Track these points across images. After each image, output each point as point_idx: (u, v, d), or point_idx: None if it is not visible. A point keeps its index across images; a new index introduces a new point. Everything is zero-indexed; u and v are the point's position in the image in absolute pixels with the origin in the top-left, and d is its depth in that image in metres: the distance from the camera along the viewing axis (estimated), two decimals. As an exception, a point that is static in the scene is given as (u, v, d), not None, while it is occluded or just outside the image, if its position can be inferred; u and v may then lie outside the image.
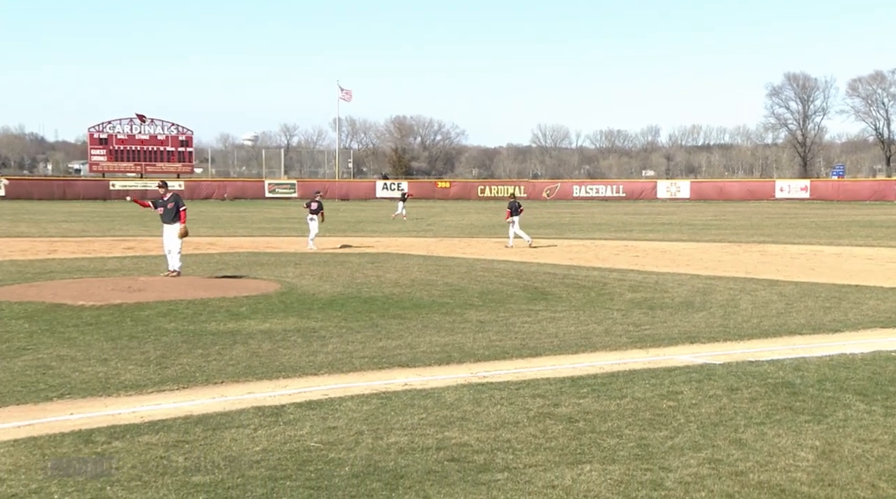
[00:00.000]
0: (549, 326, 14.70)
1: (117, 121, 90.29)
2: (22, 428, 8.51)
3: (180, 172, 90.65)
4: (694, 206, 79.73)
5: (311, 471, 7.24)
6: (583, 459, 7.62)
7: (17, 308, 15.80)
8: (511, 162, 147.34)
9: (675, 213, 63.91)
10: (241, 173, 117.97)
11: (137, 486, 6.86)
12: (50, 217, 52.00)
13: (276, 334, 13.57)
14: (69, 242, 33.45)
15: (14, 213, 56.29)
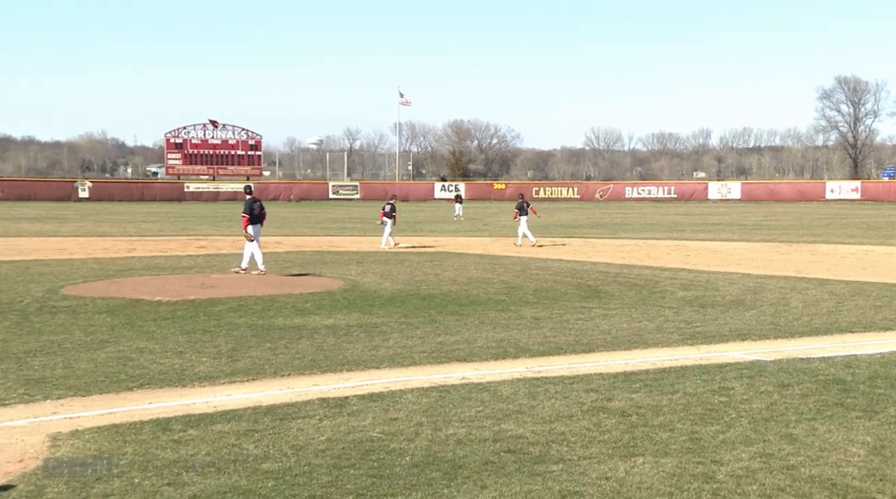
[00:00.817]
0: (601, 323, 14.60)
1: (192, 126, 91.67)
2: (104, 416, 8.68)
3: (250, 175, 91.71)
4: (744, 207, 78.50)
5: (373, 460, 7.28)
6: (636, 451, 7.55)
7: (99, 303, 16.12)
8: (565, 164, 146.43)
9: (725, 213, 62.99)
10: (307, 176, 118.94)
11: (211, 472, 6.96)
12: (129, 217, 52.97)
13: (339, 329, 13.66)
14: (147, 241, 34.03)
15: (97, 213, 57.45)
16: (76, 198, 79.26)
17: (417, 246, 31.64)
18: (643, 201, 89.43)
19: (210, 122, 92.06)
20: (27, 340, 12.56)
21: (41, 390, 9.67)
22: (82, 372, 10.53)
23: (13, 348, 11.93)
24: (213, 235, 38.01)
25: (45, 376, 10.29)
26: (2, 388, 9.74)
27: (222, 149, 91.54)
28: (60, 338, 12.71)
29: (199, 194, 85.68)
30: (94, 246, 30.88)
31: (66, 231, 39.53)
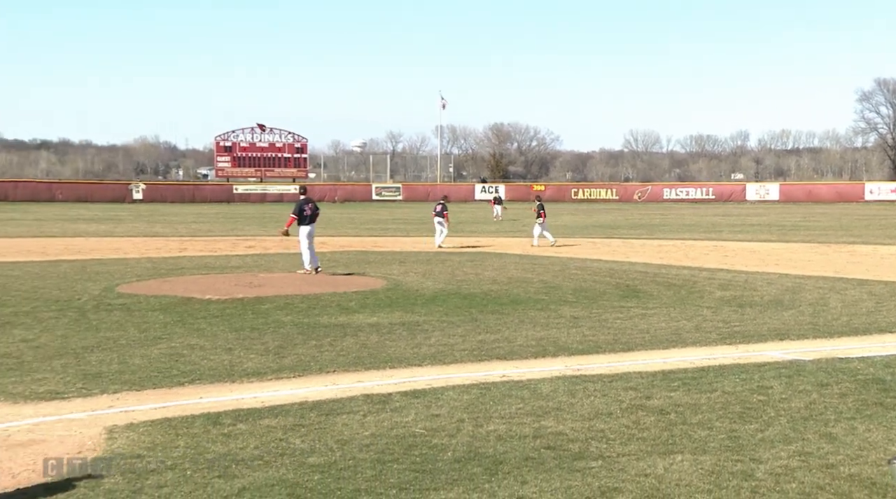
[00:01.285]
0: (640, 322, 14.49)
1: (240, 130, 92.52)
2: (158, 410, 8.80)
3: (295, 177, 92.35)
4: (783, 207, 77.45)
5: (416, 455, 7.29)
6: (674, 449, 7.49)
7: (153, 301, 16.33)
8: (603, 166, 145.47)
9: (763, 214, 62.20)
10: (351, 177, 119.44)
11: (259, 465, 7.03)
12: (181, 218, 53.60)
13: (382, 327, 13.70)
14: (197, 241, 34.39)
15: (150, 214, 58.21)
16: (130, 200, 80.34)
17: (468, 246, 31.62)
18: (681, 202, 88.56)
19: (258, 125, 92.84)
20: (85, 336, 12.77)
21: (98, 384, 9.83)
22: (136, 367, 10.68)
23: (72, 344, 12.13)
24: (260, 235, 38.34)
25: (101, 371, 10.46)
26: (61, 382, 9.92)
27: (269, 152, 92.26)
28: (116, 334, 12.89)
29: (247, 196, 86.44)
30: (147, 246, 31.29)
31: (121, 231, 40.09)
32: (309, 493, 6.40)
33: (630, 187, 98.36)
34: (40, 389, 9.61)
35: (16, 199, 74.69)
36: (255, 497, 6.31)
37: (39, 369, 10.54)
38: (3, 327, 13.43)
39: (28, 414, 8.66)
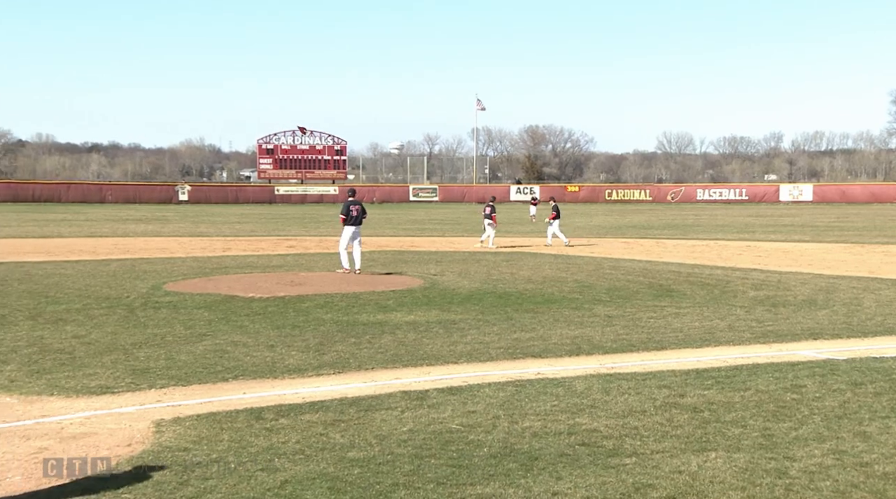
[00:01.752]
0: (673, 321, 14.37)
1: (282, 133, 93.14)
2: (203, 404, 8.88)
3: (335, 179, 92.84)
4: (816, 208, 76.40)
5: (453, 450, 7.29)
6: (708, 446, 7.42)
7: (198, 299, 16.49)
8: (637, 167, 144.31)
9: (797, 215, 61.40)
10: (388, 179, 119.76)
11: (301, 459, 7.07)
12: (224, 219, 54.09)
13: (420, 326, 13.72)
14: (240, 240, 34.70)
15: (195, 215, 58.80)
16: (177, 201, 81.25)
17: (504, 246, 31.58)
18: (714, 203, 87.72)
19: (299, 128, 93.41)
20: (133, 332, 12.93)
21: (146, 379, 9.95)
22: (183, 363, 10.79)
23: (121, 340, 12.29)
24: (301, 235, 38.57)
25: (149, 367, 10.58)
26: (111, 377, 10.05)
27: (310, 154, 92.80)
28: (163, 331, 13.04)
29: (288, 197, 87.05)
30: (192, 245, 31.60)
31: (168, 232, 40.54)
32: (349, 486, 6.43)
33: (663, 188, 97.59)
34: (91, 383, 9.74)
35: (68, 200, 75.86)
36: (296, 490, 6.35)
37: (90, 365, 10.69)
38: (57, 324, 13.64)
39: (80, 408, 8.79)
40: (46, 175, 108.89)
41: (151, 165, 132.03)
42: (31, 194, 76.35)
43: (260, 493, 6.30)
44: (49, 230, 39.89)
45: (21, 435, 7.85)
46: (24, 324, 13.62)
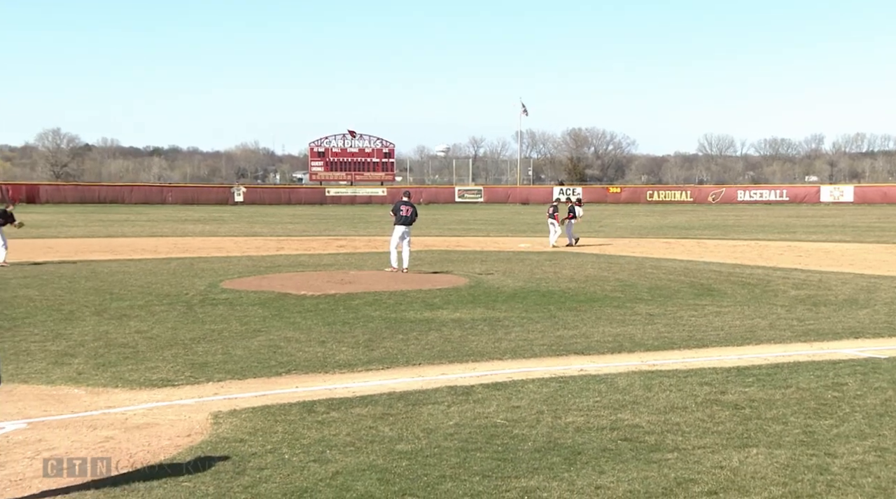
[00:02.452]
0: (714, 319, 14.19)
1: (332, 136, 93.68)
2: (258, 398, 8.98)
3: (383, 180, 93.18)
4: (857, 209, 74.84)
5: (498, 444, 7.29)
6: (749, 443, 7.32)
7: (252, 296, 16.66)
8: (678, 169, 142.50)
9: (838, 215, 60.22)
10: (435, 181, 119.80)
11: (351, 451, 7.12)
12: (278, 219, 54.58)
13: (465, 323, 13.71)
14: (293, 240, 34.98)
15: (250, 216, 59.42)
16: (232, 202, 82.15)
17: (536, 245, 31.47)
18: (755, 204, 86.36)
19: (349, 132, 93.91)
20: (192, 328, 13.11)
21: (204, 372, 10.08)
22: (238, 358, 10.91)
23: (181, 336, 12.47)
24: (350, 235, 38.79)
25: (207, 361, 10.72)
26: (172, 370, 10.21)
27: (359, 156, 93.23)
28: (220, 327, 13.20)
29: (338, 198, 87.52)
30: (247, 245, 31.96)
31: (224, 231, 41.02)
32: (397, 478, 6.45)
33: (704, 189, 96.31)
34: (153, 376, 9.90)
35: (131, 201, 77.14)
36: (347, 481, 6.39)
37: (152, 358, 10.86)
38: (121, 319, 13.89)
39: (143, 399, 8.94)
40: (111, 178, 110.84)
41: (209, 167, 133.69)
42: (96, 196, 77.77)
43: (312, 483, 6.35)
44: (113, 230, 40.61)
45: (88, 425, 8.01)
46: (90, 319, 13.90)
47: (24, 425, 7.94)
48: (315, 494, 6.14)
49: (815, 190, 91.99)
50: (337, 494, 6.13)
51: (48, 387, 9.44)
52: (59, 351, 11.30)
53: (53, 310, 14.82)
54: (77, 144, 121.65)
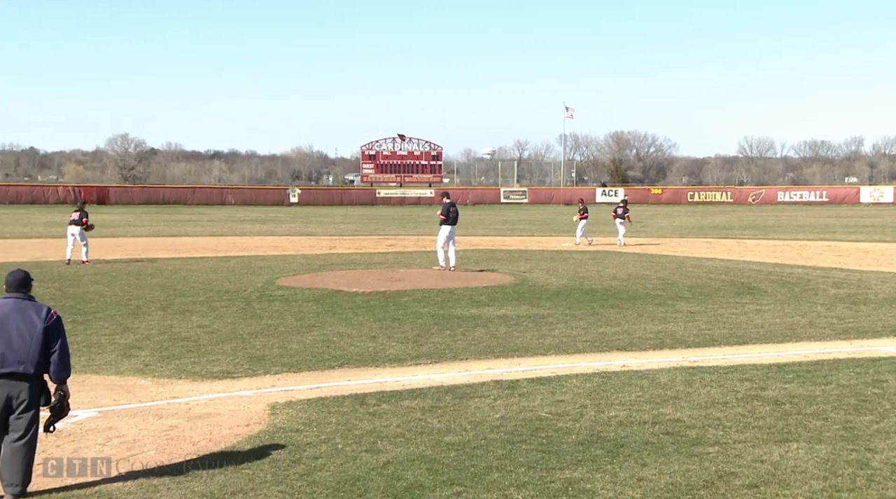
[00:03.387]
0: (755, 317, 13.97)
1: (383, 140, 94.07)
2: (312, 390, 9.06)
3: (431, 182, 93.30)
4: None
5: (542, 437, 7.26)
6: (789, 437, 7.20)
7: (307, 293, 16.79)
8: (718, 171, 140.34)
9: (877, 216, 58.79)
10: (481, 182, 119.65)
11: (401, 441, 7.15)
12: (331, 219, 54.96)
13: (510, 320, 13.67)
14: (345, 239, 35.19)
15: (304, 216, 59.90)
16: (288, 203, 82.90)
17: (591, 245, 31.25)
18: (794, 205, 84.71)
19: (399, 136, 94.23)
20: (250, 323, 13.26)
21: (262, 365, 10.20)
22: (294, 352, 11.02)
23: (240, 330, 12.62)
24: (400, 234, 38.91)
25: (264, 354, 10.84)
26: (231, 363, 10.34)
27: (409, 159, 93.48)
28: (276, 322, 13.33)
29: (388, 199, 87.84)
30: (302, 244, 32.21)
31: (280, 231, 41.40)
32: (445, 468, 6.46)
33: (744, 190, 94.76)
34: (214, 368, 10.05)
35: (193, 202, 78.29)
36: (398, 470, 6.42)
37: (213, 352, 11.02)
38: (184, 314, 14.11)
39: (205, 390, 9.08)
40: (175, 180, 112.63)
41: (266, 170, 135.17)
42: (161, 197, 79.09)
43: (365, 472, 6.39)
44: (177, 230, 41.26)
45: (154, 414, 8.16)
46: (156, 314, 14.14)
47: (95, 413, 8.12)
48: (367, 482, 6.18)
49: (855, 191, 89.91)
50: (388, 483, 6.17)
51: (117, 378, 9.63)
52: (127, 344, 11.53)
53: (122, 305, 15.11)
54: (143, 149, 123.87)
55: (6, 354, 5.93)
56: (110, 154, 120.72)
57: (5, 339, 5.95)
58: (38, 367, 6.02)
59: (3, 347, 5.94)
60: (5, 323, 5.99)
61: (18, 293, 6.17)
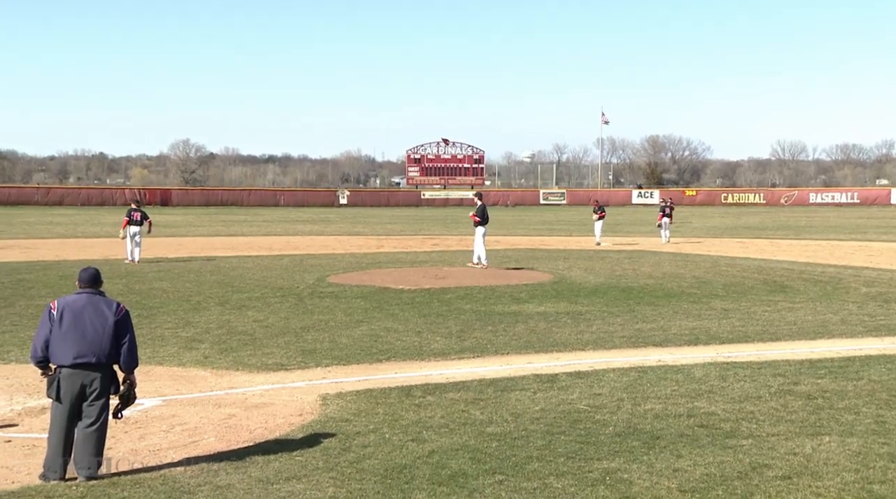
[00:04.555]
0: (787, 315, 13.72)
1: (427, 144, 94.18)
2: (361, 382, 9.12)
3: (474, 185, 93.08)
4: (928, 209, 71.14)
5: (580, 428, 7.22)
6: (821, 431, 7.06)
7: (355, 290, 16.89)
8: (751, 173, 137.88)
9: (909, 215, 57.37)
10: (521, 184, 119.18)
11: (445, 432, 7.16)
12: (378, 220, 55.21)
13: (549, 316, 13.61)
14: (391, 239, 35.31)
15: (353, 217, 60.27)
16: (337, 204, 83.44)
17: (626, 245, 30.99)
18: (826, 206, 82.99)
19: (442, 140, 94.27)
20: (302, 318, 13.38)
21: (313, 358, 10.29)
22: (344, 345, 11.09)
23: (292, 325, 12.75)
24: (443, 234, 38.94)
25: (316, 348, 10.94)
26: (285, 356, 10.45)
27: (452, 163, 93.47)
28: (326, 317, 13.43)
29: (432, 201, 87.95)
30: (351, 243, 32.41)
31: (330, 231, 41.69)
32: (488, 457, 6.46)
33: (777, 192, 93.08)
34: (269, 361, 10.16)
35: (248, 204, 79.21)
36: (442, 459, 6.43)
37: (268, 345, 11.14)
38: (241, 310, 14.29)
39: (260, 381, 9.19)
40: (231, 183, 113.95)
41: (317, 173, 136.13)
42: (219, 199, 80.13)
43: (411, 460, 6.41)
44: (233, 230, 41.78)
45: (214, 403, 8.28)
46: (214, 309, 14.34)
47: (160, 401, 8.27)
48: (413, 470, 6.20)
49: (886, 193, 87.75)
50: (433, 471, 6.18)
51: (180, 368, 9.79)
52: (189, 337, 11.71)
53: (183, 300, 15.35)
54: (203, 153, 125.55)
55: (81, 346, 6.08)
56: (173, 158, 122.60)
57: (80, 331, 6.10)
58: (109, 357, 6.16)
59: (79, 339, 6.09)
60: (80, 316, 6.14)
61: (91, 289, 6.32)
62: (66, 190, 79.49)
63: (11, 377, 9.31)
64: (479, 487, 5.84)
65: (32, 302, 14.88)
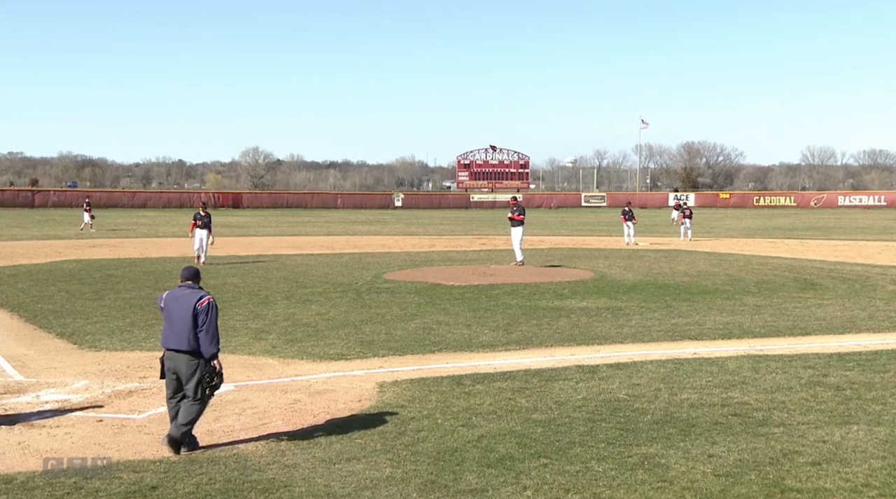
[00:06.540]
0: (817, 311, 13.39)
1: (476, 150, 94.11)
2: (414, 371, 9.16)
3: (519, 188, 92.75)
4: (956, 210, 68.62)
5: (620, 416, 7.16)
6: (850, 420, 6.89)
7: (409, 286, 16.97)
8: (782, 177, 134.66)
9: (937, 216, 55.41)
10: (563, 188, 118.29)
11: (493, 418, 7.16)
12: (430, 221, 55.37)
13: (590, 311, 13.50)
14: (443, 238, 35.38)
15: (407, 218, 60.54)
16: (393, 206, 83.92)
17: (661, 244, 30.55)
18: (854, 208, 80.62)
19: (490, 146, 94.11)
20: (360, 312, 13.48)
21: (371, 349, 10.37)
22: (399, 337, 11.15)
23: (352, 318, 12.86)
24: (491, 234, 38.86)
25: (373, 339, 11.02)
26: (345, 346, 10.55)
27: (499, 168, 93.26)
28: (383, 311, 13.51)
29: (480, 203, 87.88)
30: (405, 243, 32.56)
31: (386, 231, 41.94)
32: (533, 442, 6.45)
33: (807, 195, 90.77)
34: (331, 351, 10.27)
35: (311, 206, 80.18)
36: (491, 443, 6.44)
37: (330, 336, 11.26)
38: (305, 304, 14.47)
39: (322, 370, 9.30)
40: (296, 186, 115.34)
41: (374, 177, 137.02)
42: (285, 202, 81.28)
43: (461, 444, 6.43)
44: (298, 230, 42.31)
45: (280, 389, 8.41)
46: (281, 303, 14.54)
47: (232, 387, 8.43)
48: (463, 453, 6.22)
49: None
50: (482, 454, 6.19)
51: (250, 357, 9.96)
52: (258, 328, 11.90)
53: (253, 295, 15.60)
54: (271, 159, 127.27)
55: (172, 333, 6.38)
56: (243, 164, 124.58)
57: (170, 320, 6.42)
58: (192, 343, 6.33)
59: (168, 326, 6.43)
60: (172, 307, 6.44)
61: (187, 283, 6.56)
62: (149, 194, 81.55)
63: (103, 363, 9.58)
64: (525, 469, 5.83)
65: (120, 296, 15.28)
